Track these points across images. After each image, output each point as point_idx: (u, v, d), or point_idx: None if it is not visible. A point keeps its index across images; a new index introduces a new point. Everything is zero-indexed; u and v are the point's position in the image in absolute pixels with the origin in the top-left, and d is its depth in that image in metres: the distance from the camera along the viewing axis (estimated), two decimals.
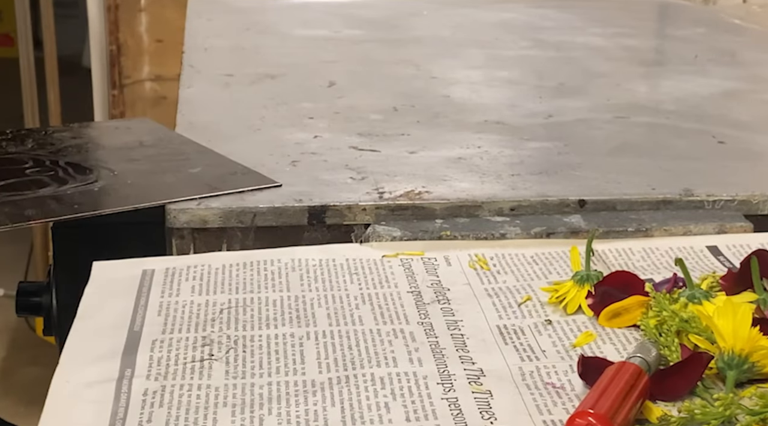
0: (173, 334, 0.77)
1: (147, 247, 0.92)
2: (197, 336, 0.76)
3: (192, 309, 0.80)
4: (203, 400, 0.68)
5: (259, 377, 0.71)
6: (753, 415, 0.63)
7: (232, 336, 0.76)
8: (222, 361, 0.73)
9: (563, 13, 1.82)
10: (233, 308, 0.80)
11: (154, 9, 2.51)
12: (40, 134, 1.11)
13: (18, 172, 0.97)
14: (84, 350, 0.75)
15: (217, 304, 0.81)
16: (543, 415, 0.66)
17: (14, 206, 0.91)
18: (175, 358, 0.73)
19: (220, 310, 0.80)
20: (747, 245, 0.90)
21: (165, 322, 0.78)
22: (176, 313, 0.80)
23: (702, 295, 0.76)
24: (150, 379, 0.71)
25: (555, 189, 0.98)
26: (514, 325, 0.78)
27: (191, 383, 0.70)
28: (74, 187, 0.93)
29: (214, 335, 0.76)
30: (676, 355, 0.70)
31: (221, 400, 0.68)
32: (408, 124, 1.18)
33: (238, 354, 0.74)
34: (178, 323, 0.78)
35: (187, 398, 0.68)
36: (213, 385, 0.70)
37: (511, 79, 1.41)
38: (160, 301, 0.82)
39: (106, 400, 0.69)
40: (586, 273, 0.81)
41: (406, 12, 1.82)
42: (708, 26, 1.76)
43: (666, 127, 1.21)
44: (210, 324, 0.78)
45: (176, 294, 0.83)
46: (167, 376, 0.71)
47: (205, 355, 0.74)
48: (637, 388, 0.65)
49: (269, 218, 0.92)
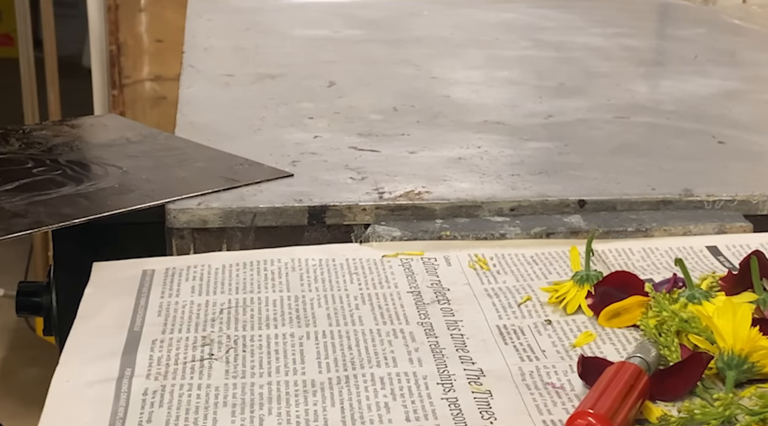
0: (173, 333, 0.77)
1: (147, 247, 0.92)
2: (197, 336, 0.76)
3: (192, 309, 0.80)
4: (203, 399, 0.68)
5: (259, 377, 0.71)
6: (753, 416, 0.63)
7: (232, 336, 0.76)
8: (222, 361, 0.73)
9: (563, 13, 1.82)
10: (233, 308, 0.80)
11: (154, 9, 2.51)
12: (18, 133, 1.11)
13: (25, 173, 0.96)
14: (84, 350, 0.75)
15: (217, 304, 0.81)
16: (543, 415, 0.66)
17: (46, 206, 0.89)
18: (175, 357, 0.73)
19: (220, 310, 0.80)
20: (747, 245, 0.90)
21: (165, 322, 0.78)
22: (176, 313, 0.80)
23: (702, 295, 0.76)
24: (150, 378, 0.71)
25: (555, 189, 0.98)
26: (514, 325, 0.78)
27: (191, 383, 0.70)
28: (93, 185, 0.93)
29: (214, 335, 0.76)
30: (676, 355, 0.70)
31: (221, 400, 0.68)
32: (408, 124, 1.18)
33: (238, 354, 0.74)
34: (178, 323, 0.78)
35: (187, 398, 0.69)
36: (213, 385, 0.70)
37: (511, 79, 1.41)
38: (160, 301, 0.82)
39: (106, 399, 0.69)
40: (586, 273, 0.81)
41: (406, 12, 1.82)
42: (708, 26, 1.76)
43: (666, 127, 1.21)
44: (210, 324, 0.78)
45: (176, 294, 0.83)
46: (167, 376, 0.71)
47: (205, 355, 0.74)
48: (637, 388, 0.65)
49: (269, 218, 0.92)
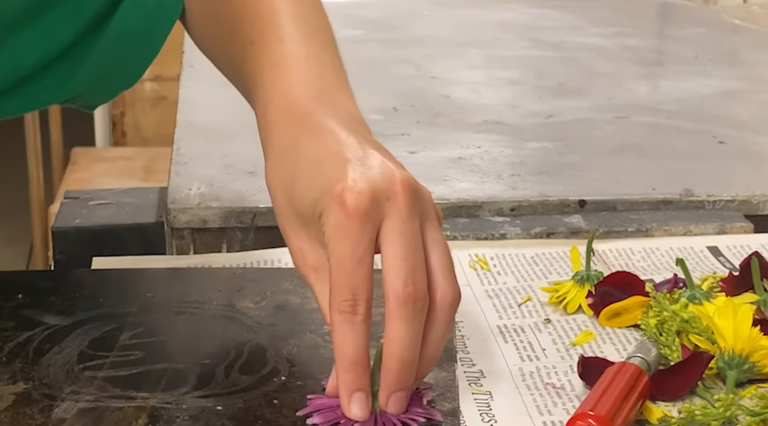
0: None
1: (147, 247, 0.92)
2: None
3: None
4: None
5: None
6: (753, 416, 0.63)
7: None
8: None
9: (563, 13, 1.82)
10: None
11: None
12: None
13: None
14: None
15: None
16: (543, 416, 0.66)
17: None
18: None
19: None
20: (747, 246, 0.90)
21: None
22: None
23: (702, 295, 0.76)
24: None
25: (555, 189, 0.98)
26: (515, 324, 0.78)
27: None
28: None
29: None
30: (677, 354, 0.70)
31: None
32: (408, 124, 1.18)
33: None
34: None
35: None
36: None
37: (511, 79, 1.41)
38: None
39: None
40: (587, 273, 0.81)
41: (406, 12, 1.81)
42: (708, 26, 1.76)
43: (666, 127, 1.21)
44: None
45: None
46: None
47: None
48: (637, 388, 0.65)
49: (269, 218, 0.92)
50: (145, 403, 0.64)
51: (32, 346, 0.71)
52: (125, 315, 0.75)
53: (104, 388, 0.66)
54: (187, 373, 0.68)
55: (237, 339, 0.72)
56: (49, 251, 2.76)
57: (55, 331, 0.73)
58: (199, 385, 0.67)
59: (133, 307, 0.76)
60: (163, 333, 0.74)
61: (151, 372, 0.68)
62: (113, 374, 0.68)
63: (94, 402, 0.64)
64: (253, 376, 0.68)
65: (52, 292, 0.78)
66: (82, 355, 0.70)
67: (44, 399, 0.65)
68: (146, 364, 0.69)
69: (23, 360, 0.69)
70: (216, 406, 0.64)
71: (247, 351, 0.71)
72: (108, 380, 0.67)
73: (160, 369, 0.68)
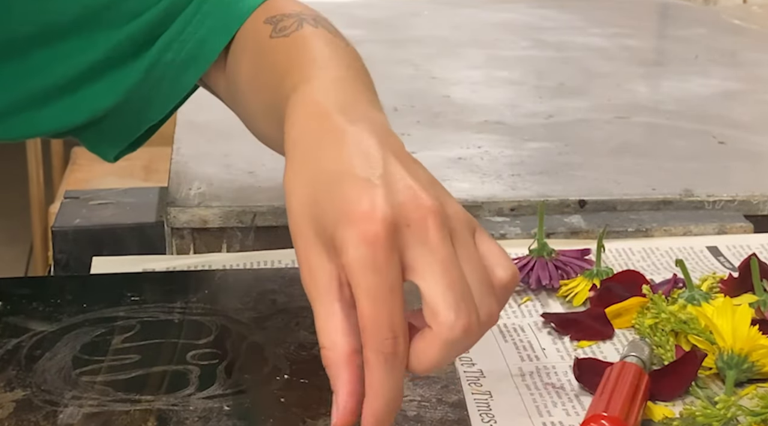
0: None
1: (147, 247, 0.92)
2: None
3: None
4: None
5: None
6: (754, 416, 0.63)
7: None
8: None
9: (563, 13, 1.82)
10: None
11: None
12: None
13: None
14: None
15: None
16: (543, 416, 0.66)
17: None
18: None
19: None
20: (747, 246, 0.90)
21: None
22: None
23: (702, 296, 0.76)
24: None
25: (555, 189, 0.98)
26: (515, 324, 0.78)
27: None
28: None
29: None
30: (671, 354, 0.70)
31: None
32: (408, 124, 1.18)
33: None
34: None
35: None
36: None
37: (511, 79, 1.41)
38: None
39: None
40: (597, 269, 0.82)
41: (406, 12, 1.81)
42: (708, 26, 1.76)
43: (666, 127, 1.21)
44: None
45: None
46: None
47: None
48: (641, 388, 0.65)
49: (269, 218, 0.92)
50: (150, 405, 0.64)
51: (23, 353, 0.71)
52: (113, 319, 0.75)
53: (106, 393, 0.66)
54: (187, 374, 0.68)
55: (233, 339, 0.72)
56: (49, 251, 2.76)
57: (44, 337, 0.73)
58: (202, 386, 0.67)
59: (120, 312, 0.76)
60: (155, 335, 0.73)
61: (151, 375, 0.68)
62: (112, 378, 0.68)
63: (98, 406, 0.64)
64: (255, 375, 0.68)
65: (32, 299, 0.77)
66: (76, 360, 0.70)
67: (46, 405, 0.65)
68: (144, 367, 0.69)
69: (16, 367, 0.69)
70: (223, 406, 0.64)
71: (244, 351, 0.71)
72: (108, 384, 0.67)
73: (159, 371, 0.68)
